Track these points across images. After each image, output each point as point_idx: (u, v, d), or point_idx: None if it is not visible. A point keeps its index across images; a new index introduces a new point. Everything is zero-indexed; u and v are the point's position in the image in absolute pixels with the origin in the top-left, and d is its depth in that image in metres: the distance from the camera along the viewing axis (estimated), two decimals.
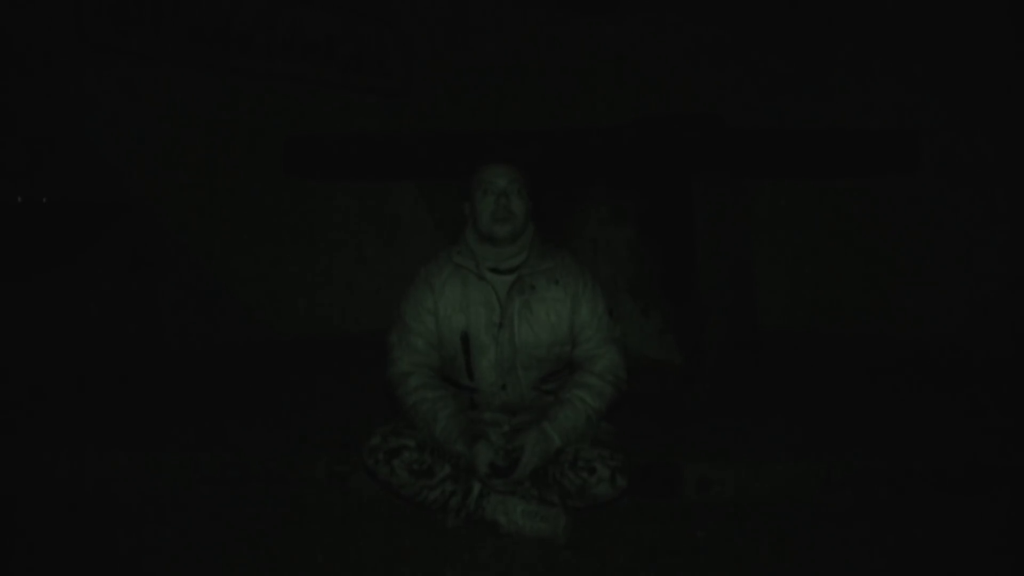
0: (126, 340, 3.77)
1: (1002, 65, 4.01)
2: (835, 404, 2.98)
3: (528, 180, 2.08)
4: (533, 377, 2.10)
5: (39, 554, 2.02)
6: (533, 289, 2.06)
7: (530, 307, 2.05)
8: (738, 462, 2.34)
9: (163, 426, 2.71)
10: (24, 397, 3.06)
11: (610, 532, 2.09)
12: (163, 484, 2.38)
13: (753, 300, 3.57)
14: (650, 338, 3.05)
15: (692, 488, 2.31)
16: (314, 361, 3.93)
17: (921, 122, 3.84)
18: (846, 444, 2.49)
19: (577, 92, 4.88)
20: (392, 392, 2.09)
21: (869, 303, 4.48)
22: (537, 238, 2.12)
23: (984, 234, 4.10)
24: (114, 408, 2.96)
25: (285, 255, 4.51)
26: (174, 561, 1.96)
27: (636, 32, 4.98)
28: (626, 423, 2.26)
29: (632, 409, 2.35)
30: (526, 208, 2.05)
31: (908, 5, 4.31)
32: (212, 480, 2.39)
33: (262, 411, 2.90)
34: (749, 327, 3.47)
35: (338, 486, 2.35)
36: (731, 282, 3.30)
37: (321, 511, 2.25)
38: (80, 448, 2.49)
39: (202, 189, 4.10)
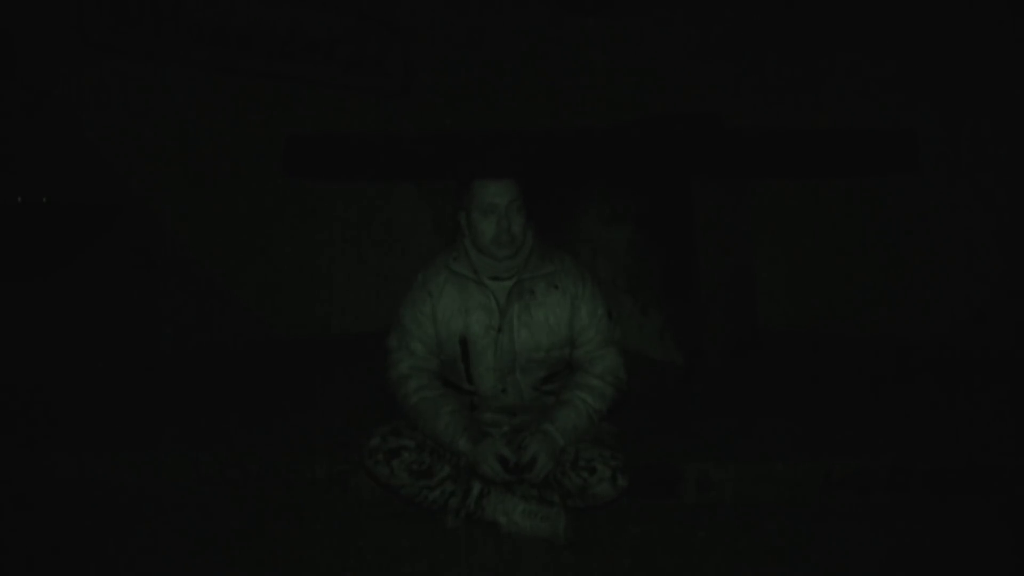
0: (126, 340, 3.77)
1: (1002, 65, 4.00)
2: (835, 404, 2.99)
3: (524, 189, 2.03)
4: (533, 380, 2.09)
5: (39, 554, 2.02)
6: (532, 294, 2.06)
7: (529, 311, 2.05)
8: (738, 462, 2.34)
9: (163, 426, 2.71)
10: (24, 397, 3.06)
11: (610, 532, 2.09)
12: (163, 484, 2.38)
13: (753, 300, 3.57)
14: (650, 338, 3.05)
15: (692, 488, 2.31)
16: (314, 361, 3.93)
17: (921, 122, 3.84)
18: (846, 444, 2.49)
19: (577, 92, 4.88)
20: (392, 395, 2.09)
21: (869, 303, 4.48)
22: (537, 242, 2.11)
23: (984, 234, 4.10)
24: (114, 408, 2.96)
25: (285, 255, 4.50)
26: (174, 561, 1.96)
27: (636, 32, 4.98)
28: (626, 423, 2.26)
29: (632, 409, 2.35)
30: (525, 223, 2.02)
31: (908, 5, 4.31)
32: (212, 480, 2.39)
33: (262, 411, 2.90)
34: (749, 327, 3.47)
35: (338, 486, 2.35)
36: (731, 282, 3.31)
37: (321, 511, 2.25)
38: (80, 448, 2.49)
39: (202, 189, 4.10)
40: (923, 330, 4.21)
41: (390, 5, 4.85)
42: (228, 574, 1.90)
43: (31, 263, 3.38)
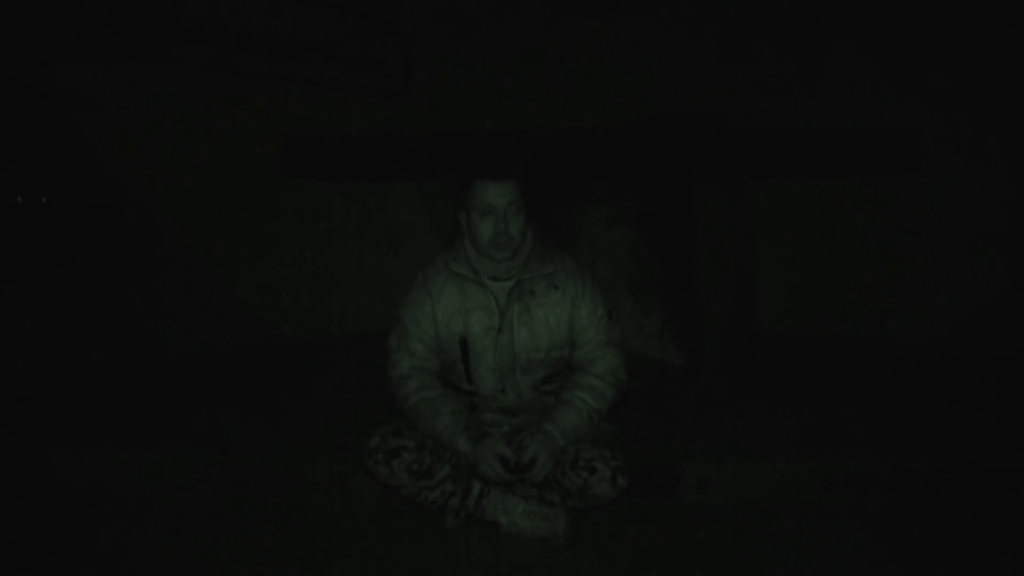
0: (126, 340, 3.76)
1: (1002, 64, 4.00)
2: (835, 404, 2.98)
3: (525, 189, 2.03)
4: (532, 380, 2.10)
5: (39, 554, 2.02)
6: (532, 294, 2.06)
7: (529, 312, 2.05)
8: (738, 462, 2.34)
9: (163, 426, 2.71)
10: (24, 397, 3.06)
11: (610, 532, 2.09)
12: (163, 484, 2.38)
13: (753, 300, 3.57)
14: (650, 338, 3.05)
15: (692, 488, 2.31)
16: (314, 361, 3.93)
17: (921, 122, 3.84)
18: (846, 444, 2.49)
19: (577, 92, 4.88)
20: (392, 395, 2.09)
21: (869, 303, 4.48)
22: (537, 242, 2.11)
23: (984, 234, 4.10)
24: (114, 408, 2.96)
25: (285, 255, 4.50)
26: (174, 561, 1.96)
27: (636, 32, 4.98)
28: (626, 423, 2.27)
29: (632, 409, 2.35)
30: (523, 224, 2.02)
31: (909, 5, 4.31)
32: (212, 480, 2.39)
33: (262, 411, 2.90)
34: (749, 327, 3.47)
35: (338, 486, 2.35)
36: (731, 282, 3.30)
37: (321, 511, 2.25)
38: (80, 448, 2.49)
39: (202, 189, 4.10)
40: (923, 330, 4.21)
41: (390, 5, 4.85)
42: (228, 574, 1.90)
43: (31, 263, 3.37)
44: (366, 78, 4.75)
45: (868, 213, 4.49)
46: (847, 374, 3.57)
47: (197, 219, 4.11)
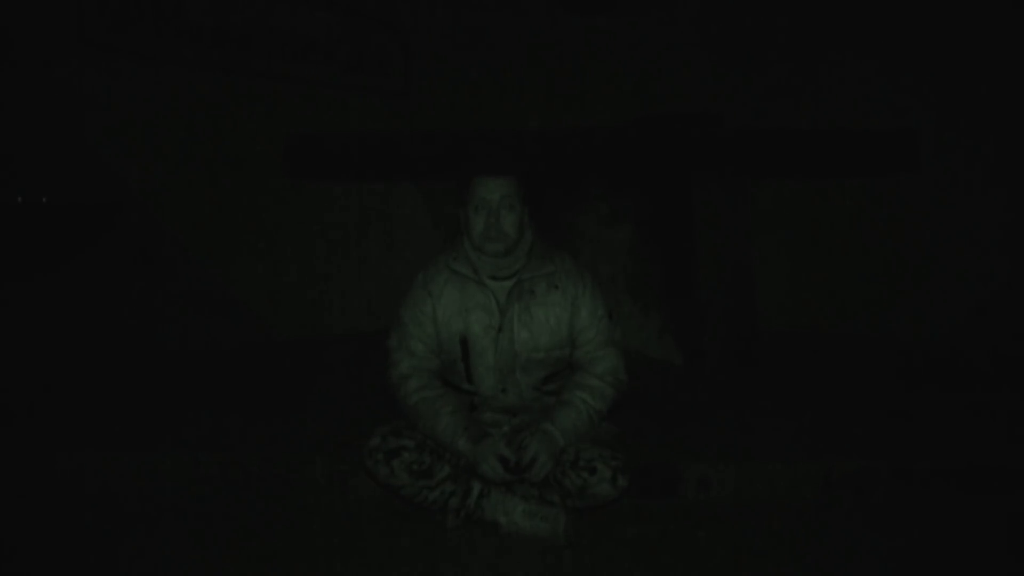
0: (126, 340, 3.77)
1: (1002, 64, 4.00)
2: (835, 404, 2.98)
3: (524, 188, 2.04)
4: (533, 380, 2.09)
5: (39, 554, 2.02)
6: (532, 294, 2.06)
7: (529, 311, 2.05)
8: (738, 462, 2.34)
9: (163, 426, 2.71)
10: (24, 397, 3.06)
11: (610, 532, 2.09)
12: (163, 484, 2.38)
13: (753, 300, 3.57)
14: (650, 338, 3.05)
15: (692, 488, 2.31)
16: (314, 361, 3.93)
17: (921, 122, 3.84)
18: (846, 444, 2.49)
19: (577, 92, 4.88)
20: (393, 395, 2.09)
21: (870, 303, 4.48)
22: (537, 241, 2.11)
23: (984, 234, 4.10)
24: (114, 408, 2.96)
25: (285, 255, 4.51)
26: (174, 561, 1.96)
27: (636, 32, 4.98)
28: (626, 423, 2.26)
29: (632, 409, 2.34)
30: (519, 222, 2.02)
31: (909, 7, 4.31)
32: (212, 480, 2.39)
33: (262, 411, 2.90)
34: (749, 327, 3.47)
35: (338, 486, 2.35)
36: (731, 282, 3.30)
37: (321, 511, 2.25)
38: (80, 448, 2.49)
39: (202, 189, 4.10)
40: (924, 330, 4.21)
41: (390, 5, 4.86)
42: (228, 574, 1.90)
43: (31, 263, 3.38)
44: (366, 78, 4.76)
45: (868, 213, 4.50)
46: (847, 374, 3.57)
47: (197, 219, 4.11)
